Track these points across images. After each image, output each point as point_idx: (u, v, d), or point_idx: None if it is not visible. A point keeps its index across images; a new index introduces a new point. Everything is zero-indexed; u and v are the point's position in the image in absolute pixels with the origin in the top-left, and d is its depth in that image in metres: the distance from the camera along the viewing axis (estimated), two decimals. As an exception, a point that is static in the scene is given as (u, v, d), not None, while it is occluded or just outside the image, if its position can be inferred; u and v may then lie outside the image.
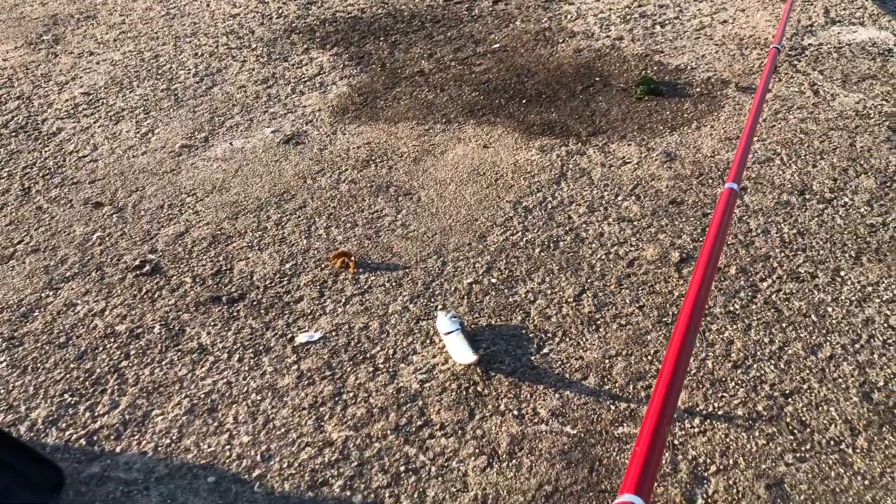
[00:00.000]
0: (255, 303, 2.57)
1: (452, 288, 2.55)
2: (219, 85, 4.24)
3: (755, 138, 3.19)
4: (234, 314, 2.53)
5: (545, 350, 2.27)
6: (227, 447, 2.06)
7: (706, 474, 1.85)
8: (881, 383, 2.04)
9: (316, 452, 2.01)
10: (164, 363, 2.36)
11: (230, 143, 3.63)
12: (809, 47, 4.02)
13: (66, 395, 2.25)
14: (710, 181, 2.97)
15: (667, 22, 4.50)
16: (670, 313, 2.34)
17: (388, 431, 2.05)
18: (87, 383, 2.29)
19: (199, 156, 3.54)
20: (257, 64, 4.45)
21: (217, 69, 4.43)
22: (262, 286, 2.64)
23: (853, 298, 2.33)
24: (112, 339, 2.46)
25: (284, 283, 2.65)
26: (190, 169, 3.44)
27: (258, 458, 2.02)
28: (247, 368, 2.31)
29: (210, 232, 2.97)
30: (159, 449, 2.06)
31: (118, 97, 4.16)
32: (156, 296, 2.65)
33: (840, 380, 2.07)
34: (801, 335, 2.22)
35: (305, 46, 4.63)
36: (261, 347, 2.38)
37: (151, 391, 2.26)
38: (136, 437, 2.11)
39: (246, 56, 4.57)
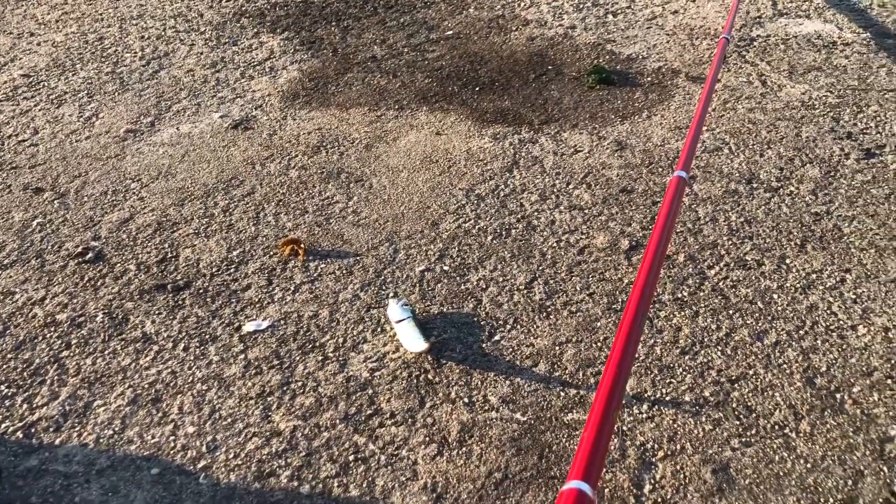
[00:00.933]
0: (201, 291, 2.52)
1: (404, 276, 2.53)
2: (166, 69, 4.14)
3: (704, 128, 3.22)
4: (180, 302, 2.48)
5: (496, 337, 2.26)
6: (172, 438, 2.01)
7: (654, 460, 1.87)
8: (824, 368, 2.08)
9: (263, 443, 1.98)
10: (106, 353, 2.30)
11: (177, 128, 3.54)
12: (758, 38, 4.07)
13: (1, 387, 2.18)
14: (660, 170, 2.99)
15: (619, 11, 4.52)
16: (620, 300, 2.36)
17: (338, 421, 2.02)
18: (24, 374, 2.22)
19: (145, 141, 3.46)
20: (206, 48, 4.36)
21: (164, 52, 4.32)
22: (209, 274, 2.59)
23: (798, 286, 2.37)
24: (52, 329, 2.38)
25: (232, 270, 2.60)
26: (135, 154, 3.35)
27: (204, 448, 1.98)
28: (192, 358, 2.26)
29: (155, 218, 2.90)
30: (101, 441, 2.01)
31: (60, 80, 4.03)
32: (99, 284, 2.58)
33: (785, 365, 2.10)
34: (748, 322, 2.25)
35: (256, 30, 4.54)
36: (207, 336, 2.33)
37: (93, 381, 2.20)
38: (77, 428, 2.05)
39: (194, 39, 4.47)
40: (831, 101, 3.40)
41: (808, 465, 1.82)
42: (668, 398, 2.02)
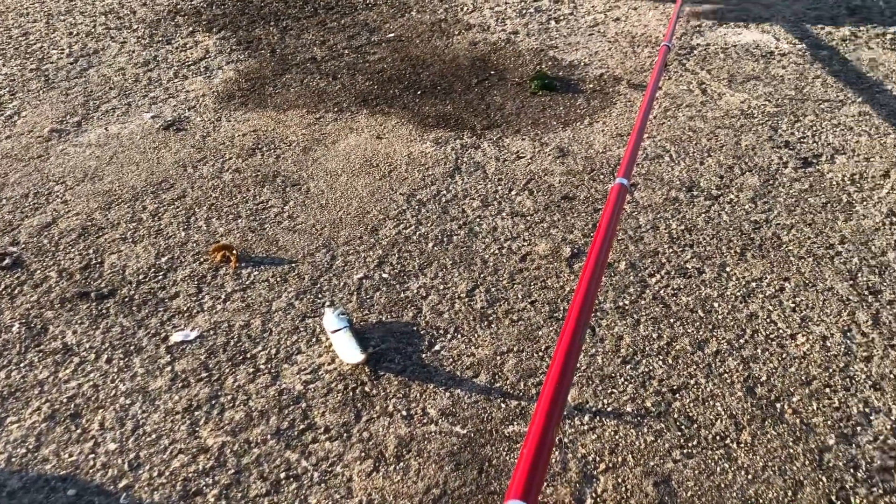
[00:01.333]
0: (126, 299, 2.39)
1: (341, 283, 2.45)
2: (95, 67, 3.98)
3: (645, 135, 3.22)
4: (104, 311, 2.35)
5: (437, 347, 2.20)
6: (92, 456, 1.89)
7: (595, 473, 1.82)
8: (764, 378, 2.07)
9: (189, 460, 1.88)
10: (22, 365, 2.16)
11: (105, 129, 3.40)
12: (697, 47, 4.11)
13: None
14: (602, 177, 2.98)
15: (561, 18, 4.52)
16: (562, 308, 2.32)
17: (269, 436, 1.93)
18: (-70, 389, 2.07)
19: (71, 141, 3.30)
20: (138, 46, 4.21)
21: (94, 50, 4.16)
22: (135, 281, 2.47)
23: (738, 294, 2.37)
24: (-38, 340, 2.23)
25: (160, 278, 2.48)
26: (60, 155, 3.20)
27: (126, 467, 1.86)
28: (116, 370, 2.14)
29: (80, 223, 2.76)
30: (13, 460, 1.88)
31: (-20, 76, 3.84)
32: (16, 292, 2.43)
33: (725, 375, 2.08)
34: (689, 330, 2.23)
35: (191, 29, 4.41)
36: (132, 347, 2.22)
37: (7, 396, 2.06)
38: (-13, 447, 1.91)
39: (126, 37, 4.31)
40: (769, 110, 3.44)
41: (749, 476, 1.80)
42: (609, 409, 1.99)
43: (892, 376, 2.06)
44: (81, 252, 2.61)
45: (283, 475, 1.83)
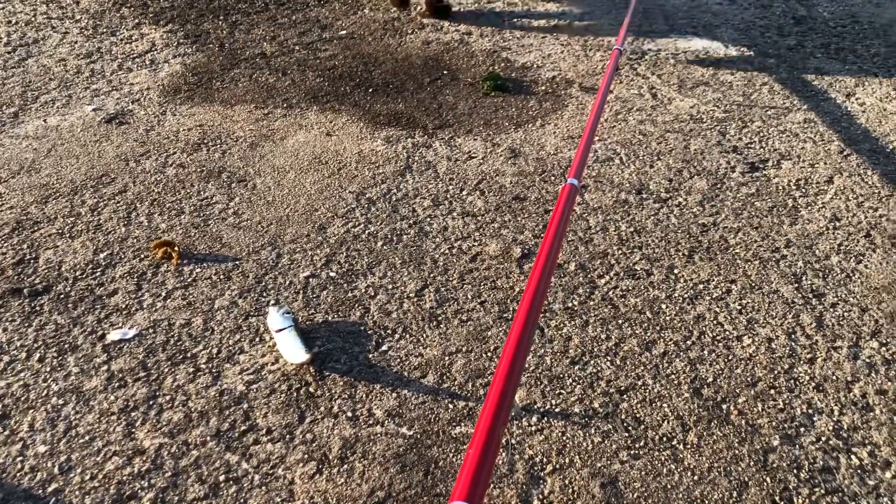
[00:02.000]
0: (62, 296, 2.30)
1: (287, 282, 2.39)
2: (34, 57, 3.85)
3: (596, 138, 3.22)
4: (37, 308, 2.26)
5: (384, 347, 2.16)
6: (20, 459, 1.81)
7: (542, 474, 1.80)
8: (710, 379, 2.08)
9: (124, 462, 1.80)
10: (-53, 364, 2.06)
11: (44, 121, 3.28)
12: (649, 52, 4.14)
13: None
14: (553, 178, 2.97)
15: (515, 19, 4.51)
16: (511, 309, 2.30)
17: (208, 438, 1.87)
18: None
19: (7, 133, 3.18)
20: (81, 37, 4.08)
21: (34, 40, 4.02)
22: (72, 278, 2.38)
23: (686, 296, 2.37)
24: None
25: (97, 274, 2.39)
26: (-6, 146, 3.08)
27: (56, 470, 1.78)
28: (48, 369, 2.05)
29: (14, 216, 2.65)
30: (-65, 463, 1.79)
31: (-88, 63, 3.68)
32: (-57, 287, 2.32)
33: (672, 376, 2.08)
34: (637, 332, 2.23)
35: (137, 21, 4.29)
36: (66, 346, 2.13)
37: (-70, 397, 1.96)
38: None
39: (68, 27, 4.18)
40: (718, 115, 3.48)
41: (695, 478, 1.80)
42: (557, 410, 1.97)
43: (834, 378, 2.09)
44: (15, 247, 2.51)
45: (222, 478, 1.77)
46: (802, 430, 1.94)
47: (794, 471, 1.83)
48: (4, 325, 2.20)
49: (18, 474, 1.77)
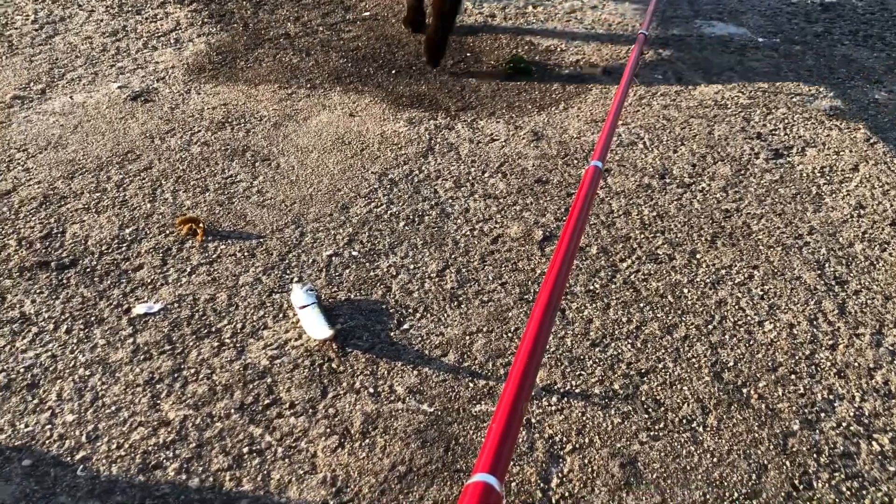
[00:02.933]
0: (88, 270, 2.34)
1: (310, 260, 2.41)
2: (61, 34, 3.88)
3: (620, 122, 3.21)
4: (64, 281, 2.29)
5: (405, 326, 2.18)
6: (48, 427, 1.84)
7: (562, 453, 1.81)
8: (731, 363, 2.08)
9: (150, 433, 1.83)
10: (-23, 334, 2.10)
11: (70, 97, 3.31)
12: (674, 37, 4.11)
13: None
14: (575, 162, 2.97)
15: (539, 3, 4.49)
16: (532, 291, 2.30)
17: (232, 410, 1.90)
18: None
19: (34, 109, 3.21)
20: (107, 15, 4.11)
21: (60, 17, 4.05)
22: (98, 252, 2.41)
23: (707, 281, 2.37)
24: (-85, 306, 2.16)
25: (123, 249, 2.42)
26: (22, 122, 3.11)
27: (83, 438, 1.82)
28: (75, 341, 2.09)
29: (41, 191, 2.68)
30: (-34, 430, 1.82)
31: (-59, 39, 3.72)
32: (-28, 259, 2.36)
33: (693, 359, 2.09)
34: (658, 315, 2.23)
35: (162, 0, 4.31)
36: (93, 318, 2.16)
37: (-40, 365, 2.00)
38: (-62, 416, 1.86)
39: (94, 5, 4.20)
40: (743, 101, 3.45)
41: (715, 460, 1.81)
42: (577, 390, 1.98)
43: (856, 365, 2.08)
44: (42, 221, 2.54)
45: (246, 450, 1.80)
46: (823, 415, 1.93)
47: (814, 455, 1.83)
48: (33, 297, 2.23)
49: (47, 441, 1.81)
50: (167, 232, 2.50)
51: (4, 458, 1.76)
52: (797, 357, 2.10)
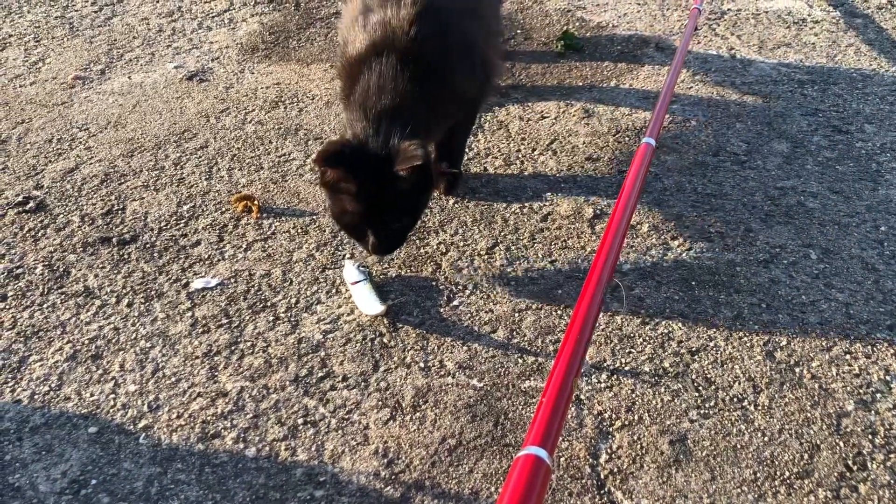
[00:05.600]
0: (148, 245, 2.41)
1: (361, 237, 2.44)
2: (119, 16, 3.96)
3: (672, 98, 3.17)
4: (125, 257, 2.36)
5: (455, 302, 2.20)
6: (112, 396, 1.92)
7: (611, 429, 1.82)
8: (784, 342, 2.06)
9: (208, 403, 1.90)
10: (45, 306, 2.18)
11: (129, 77, 3.39)
12: (728, 12, 4.03)
13: (-70, 339, 2.06)
14: (627, 139, 2.94)
15: (590, -21, 4.43)
16: (582, 268, 2.30)
17: (287, 383, 1.95)
18: (-45, 326, 2.10)
19: (94, 89, 3.30)
20: (162, -4, 4.18)
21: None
22: (157, 228, 2.48)
23: (761, 259, 2.34)
24: (-13, 280, 2.26)
25: (181, 225, 2.49)
26: (83, 102, 3.20)
27: (145, 408, 1.89)
28: (136, 314, 2.16)
29: (102, 169, 2.77)
30: (36, 397, 1.91)
31: (5, 22, 3.83)
32: (39, 234, 2.45)
33: (745, 338, 2.07)
34: (710, 293, 2.21)
35: (215, -19, 4.37)
36: (152, 292, 2.23)
37: (30, 335, 2.09)
38: (10, 384, 1.94)
39: (150, -13, 4.28)
40: (800, 77, 3.38)
41: (766, 439, 1.80)
42: (627, 368, 1.98)
43: (914, 345, 2.04)
44: (104, 198, 2.62)
45: (300, 421, 1.85)
46: (879, 395, 1.91)
47: (869, 436, 1.80)
48: (95, 271, 2.31)
49: (111, 410, 1.88)
50: (223, 209, 2.56)
51: (72, 425, 1.83)
52: (852, 337, 2.07)
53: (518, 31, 3.84)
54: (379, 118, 2.05)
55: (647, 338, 2.07)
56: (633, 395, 1.91)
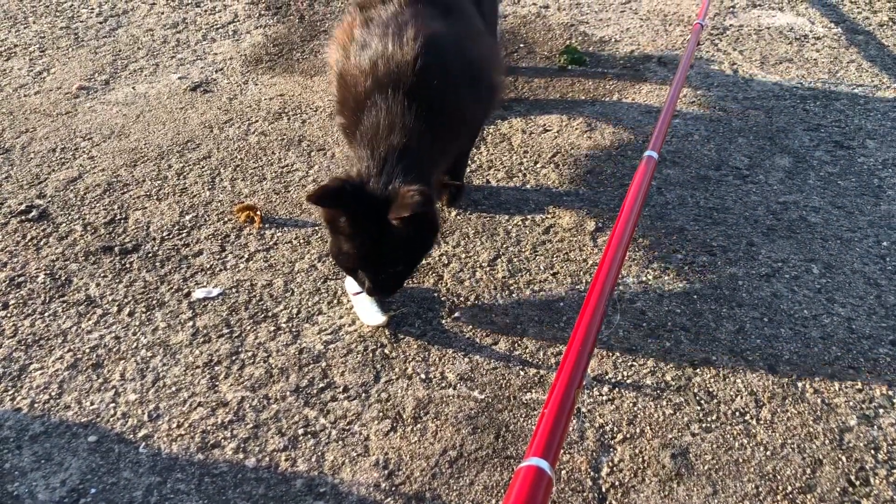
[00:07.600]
0: (150, 255, 2.41)
1: (363, 248, 2.44)
2: (124, 27, 3.98)
3: (675, 113, 3.18)
4: (127, 266, 2.36)
5: (457, 314, 2.20)
6: (112, 405, 1.91)
7: (612, 443, 1.82)
8: (786, 356, 2.05)
9: (208, 413, 1.89)
10: (46, 315, 2.18)
11: (133, 88, 3.40)
12: (731, 28, 4.05)
13: (-69, 346, 2.05)
14: (629, 153, 2.95)
15: (593, -6, 4.46)
16: (584, 281, 2.30)
17: (288, 393, 1.94)
18: (-44, 333, 2.10)
19: (98, 99, 3.31)
20: (167, 8, 4.20)
21: (123, 10, 4.16)
22: (159, 238, 2.48)
23: (763, 273, 2.34)
24: (-12, 288, 2.26)
25: (183, 235, 2.49)
26: (87, 112, 3.21)
27: (145, 417, 1.88)
28: (137, 323, 2.16)
29: (105, 179, 2.77)
30: (36, 406, 1.90)
31: (10, 32, 3.85)
32: (41, 243, 2.45)
33: (748, 352, 2.06)
34: (712, 307, 2.21)
35: (220, -7, 4.39)
36: (154, 302, 2.23)
37: (31, 344, 2.08)
38: (10, 392, 1.94)
39: (155, -2, 4.30)
40: (802, 93, 3.39)
41: (768, 453, 1.79)
42: (629, 381, 1.98)
43: (917, 360, 2.04)
44: (106, 207, 2.62)
45: (301, 431, 1.84)
46: (881, 411, 1.90)
47: (872, 451, 1.80)
48: (97, 280, 2.31)
49: (111, 419, 1.87)
50: (226, 219, 2.56)
51: (72, 434, 1.83)
52: (855, 352, 2.07)
53: (521, 45, 3.85)
54: (385, 157, 1.97)
55: (649, 350, 2.07)
56: (635, 408, 1.90)
